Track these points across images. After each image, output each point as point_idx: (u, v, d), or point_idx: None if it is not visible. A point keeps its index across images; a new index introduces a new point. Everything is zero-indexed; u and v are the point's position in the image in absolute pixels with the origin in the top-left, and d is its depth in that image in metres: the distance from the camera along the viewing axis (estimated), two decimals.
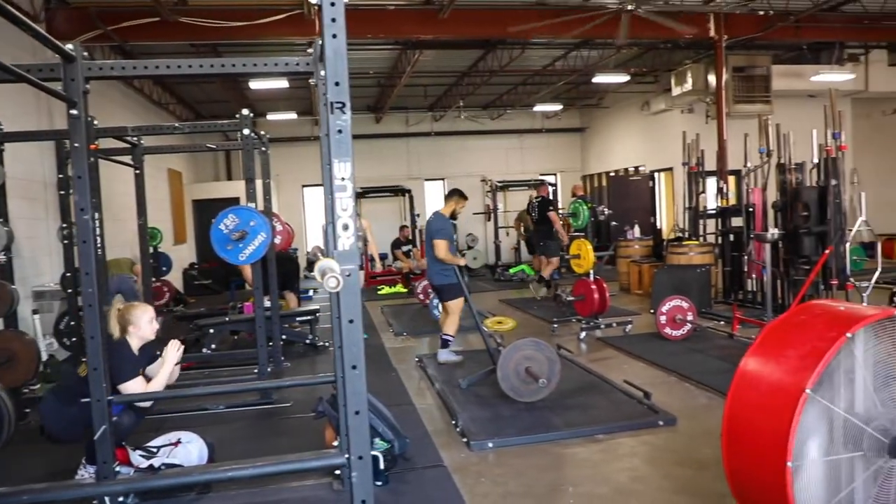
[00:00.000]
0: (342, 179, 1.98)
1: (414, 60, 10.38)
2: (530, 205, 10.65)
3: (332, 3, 1.93)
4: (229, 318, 7.35)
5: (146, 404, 3.71)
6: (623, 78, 12.49)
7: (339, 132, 1.98)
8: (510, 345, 4.75)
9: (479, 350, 5.77)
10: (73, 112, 2.84)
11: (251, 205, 5.08)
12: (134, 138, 5.82)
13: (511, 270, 13.08)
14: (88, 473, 3.45)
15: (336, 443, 3.41)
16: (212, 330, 6.81)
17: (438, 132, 16.67)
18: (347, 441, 2.16)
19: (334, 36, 1.95)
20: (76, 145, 2.86)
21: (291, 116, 13.97)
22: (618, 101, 15.38)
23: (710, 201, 9.76)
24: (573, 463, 3.72)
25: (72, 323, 6.20)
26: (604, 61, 11.32)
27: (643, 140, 14.71)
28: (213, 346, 6.72)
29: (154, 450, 3.55)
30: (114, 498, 3.07)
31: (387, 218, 15.50)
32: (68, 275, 6.16)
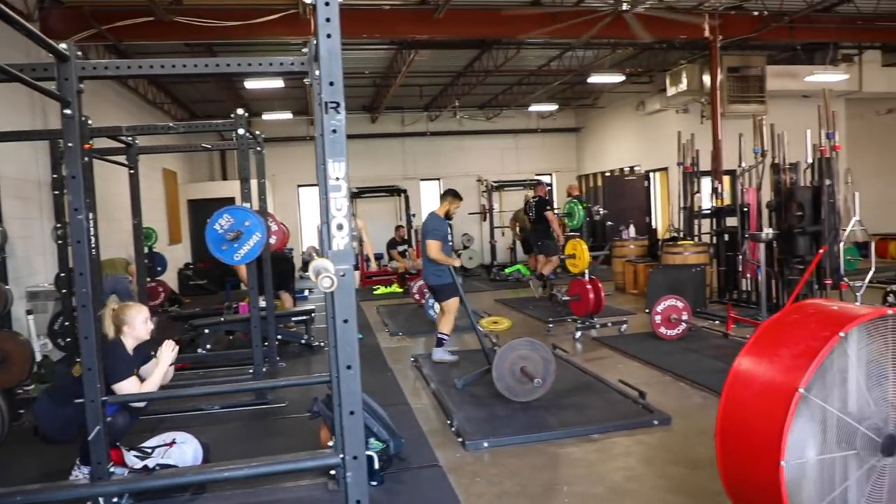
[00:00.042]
0: (337, 179, 1.99)
1: (409, 60, 10.38)
2: (527, 204, 10.64)
3: (327, 3, 1.94)
4: (224, 319, 7.33)
5: (140, 404, 3.70)
6: (618, 78, 12.51)
7: (334, 132, 1.98)
8: (505, 344, 4.75)
9: (475, 350, 5.78)
10: (67, 112, 2.83)
11: (246, 205, 5.08)
12: (128, 138, 5.80)
13: (507, 270, 13.07)
14: (82, 474, 3.44)
15: (331, 443, 3.40)
16: (207, 330, 6.81)
17: (434, 132, 16.67)
18: (342, 441, 2.16)
19: (329, 36, 1.95)
20: (70, 145, 2.85)
21: (287, 116, 13.93)
22: (613, 101, 15.40)
23: (705, 201, 9.78)
24: (568, 462, 3.73)
25: (66, 323, 6.19)
26: (599, 61, 11.33)
27: (638, 140, 14.74)
28: (209, 347, 6.71)
29: (149, 450, 3.54)
30: (108, 499, 3.07)
31: (382, 218, 15.49)
32: (62, 275, 6.15)
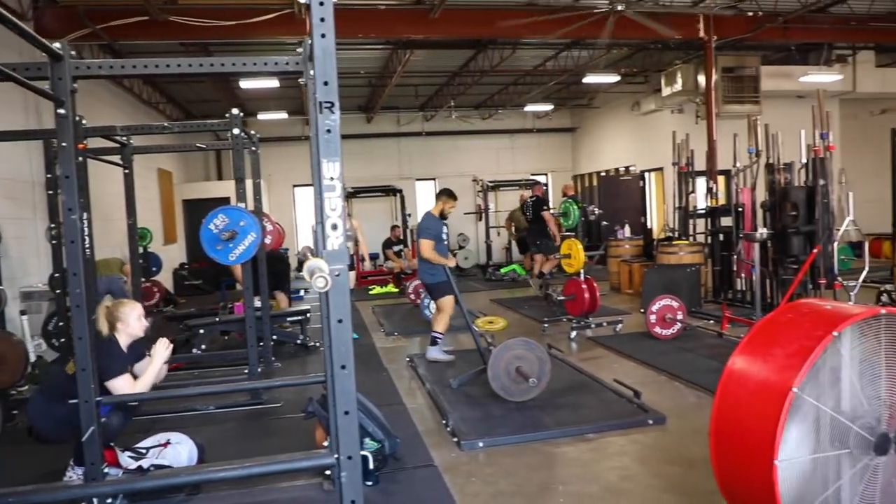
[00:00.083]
0: (331, 179, 1.98)
1: (405, 60, 10.38)
2: (524, 204, 10.65)
3: (321, 3, 1.93)
4: (219, 319, 7.32)
5: (133, 403, 3.69)
6: (613, 78, 12.53)
7: (328, 132, 1.98)
8: (501, 344, 4.75)
9: (470, 350, 5.78)
10: (61, 111, 2.82)
11: (241, 205, 5.07)
12: (123, 138, 5.79)
13: (502, 270, 13.09)
14: (76, 475, 3.43)
15: (326, 443, 3.40)
16: (202, 330, 6.79)
17: (429, 132, 16.67)
18: (337, 441, 2.16)
19: (323, 35, 1.95)
20: (64, 145, 2.84)
21: (282, 116, 13.92)
22: (608, 102, 15.43)
23: (700, 201, 9.81)
24: (563, 462, 3.73)
25: (60, 324, 6.16)
26: (594, 61, 11.35)
27: (633, 140, 14.77)
28: (204, 347, 6.69)
29: (143, 451, 3.53)
30: (102, 499, 3.05)
31: (378, 218, 15.49)
32: (56, 275, 6.12)
